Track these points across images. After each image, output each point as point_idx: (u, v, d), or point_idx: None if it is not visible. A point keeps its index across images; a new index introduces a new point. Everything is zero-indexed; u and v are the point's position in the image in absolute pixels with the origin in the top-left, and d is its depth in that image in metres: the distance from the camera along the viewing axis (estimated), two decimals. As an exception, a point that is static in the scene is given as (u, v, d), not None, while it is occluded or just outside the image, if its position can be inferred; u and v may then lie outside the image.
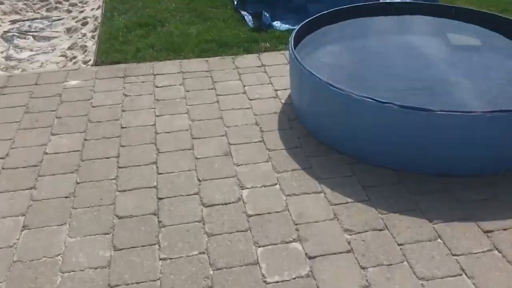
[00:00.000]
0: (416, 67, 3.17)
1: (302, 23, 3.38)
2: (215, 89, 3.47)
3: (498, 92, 2.87)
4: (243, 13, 4.61)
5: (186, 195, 2.49)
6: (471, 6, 4.91)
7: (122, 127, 3.05)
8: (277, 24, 4.43)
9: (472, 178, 2.56)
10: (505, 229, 2.26)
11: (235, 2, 4.83)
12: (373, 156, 2.68)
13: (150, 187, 2.55)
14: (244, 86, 3.50)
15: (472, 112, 2.40)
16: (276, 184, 2.56)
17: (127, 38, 4.20)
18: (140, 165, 2.71)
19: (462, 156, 2.54)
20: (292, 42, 3.13)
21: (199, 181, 2.59)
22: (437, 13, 3.74)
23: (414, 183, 2.54)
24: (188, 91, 3.45)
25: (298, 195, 2.49)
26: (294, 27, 4.35)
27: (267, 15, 4.42)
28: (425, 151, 2.56)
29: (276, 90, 3.44)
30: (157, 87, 3.50)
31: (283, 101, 3.30)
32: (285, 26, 4.40)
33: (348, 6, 3.70)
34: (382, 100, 2.47)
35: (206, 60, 3.88)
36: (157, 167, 2.69)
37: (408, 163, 2.62)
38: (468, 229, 2.27)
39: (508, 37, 3.46)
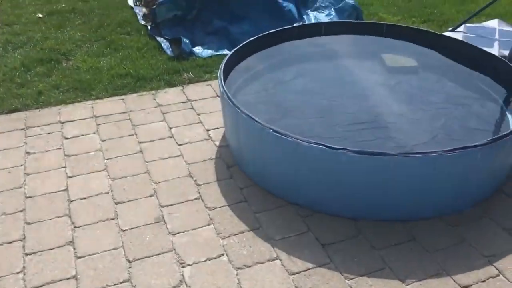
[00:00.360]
0: (356, 97, 2.93)
1: (229, 54, 3.01)
2: (136, 135, 3.01)
3: (444, 120, 2.70)
4: (159, 39, 4.15)
5: (114, 285, 2.03)
6: (395, 17, 4.84)
7: (27, 197, 2.50)
8: (198, 50, 4.03)
9: (435, 221, 2.34)
10: (483, 281, 2.05)
11: (149, 27, 4.37)
12: (327, 205, 2.38)
13: (67, 279, 2.06)
14: (170, 128, 3.07)
15: (432, 152, 2.17)
16: (223, 254, 2.17)
17: (25, 79, 3.59)
18: (52, 248, 2.20)
19: (424, 199, 2.31)
20: (222, 77, 2.75)
21: (129, 262, 2.13)
22: (368, 32, 3.56)
23: (376, 234, 2.27)
24: (104, 140, 2.95)
25: (250, 266, 2.11)
26: (218, 52, 4.02)
27: (187, 41, 4.01)
28: (384, 196, 2.29)
29: (207, 130, 3.04)
30: (66, 138, 2.97)
31: (217, 144, 2.91)
32: (207, 52, 4.01)
33: (276, 30, 3.40)
34: (334, 147, 2.17)
35: (123, 99, 3.39)
36: (74, 249, 2.20)
37: (366, 210, 2.34)
38: (445, 286, 2.02)
39: (440, 53, 3.35)
